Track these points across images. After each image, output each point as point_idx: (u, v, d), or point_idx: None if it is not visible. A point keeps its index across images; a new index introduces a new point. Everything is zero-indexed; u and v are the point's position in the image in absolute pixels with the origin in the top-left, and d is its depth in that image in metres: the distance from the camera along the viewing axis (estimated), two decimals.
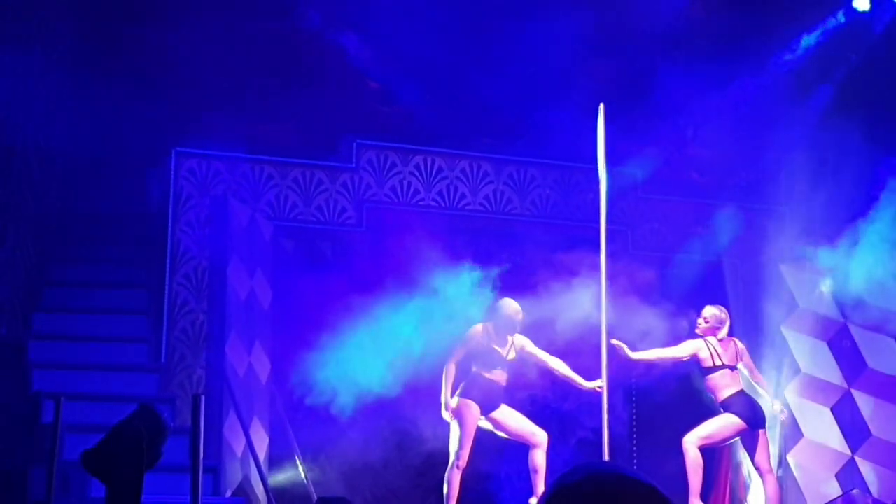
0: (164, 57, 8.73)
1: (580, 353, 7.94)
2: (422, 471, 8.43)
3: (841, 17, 9.41)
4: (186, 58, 8.60)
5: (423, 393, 8.02)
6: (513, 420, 7.75)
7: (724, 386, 8.04)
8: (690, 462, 7.93)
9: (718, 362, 8.04)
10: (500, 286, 8.31)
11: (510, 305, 7.83)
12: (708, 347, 8.07)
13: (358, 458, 8.47)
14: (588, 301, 7.85)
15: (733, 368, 8.08)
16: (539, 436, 7.69)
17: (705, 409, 8.62)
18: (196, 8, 8.92)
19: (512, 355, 7.75)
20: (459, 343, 7.72)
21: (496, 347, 7.72)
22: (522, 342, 7.81)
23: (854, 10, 9.62)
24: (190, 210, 8.69)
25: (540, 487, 7.61)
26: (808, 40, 9.58)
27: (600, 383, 7.35)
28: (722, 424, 7.99)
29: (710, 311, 8.21)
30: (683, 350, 8.11)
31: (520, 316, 7.80)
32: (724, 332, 8.15)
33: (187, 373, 8.34)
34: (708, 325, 8.14)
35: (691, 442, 7.97)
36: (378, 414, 8.34)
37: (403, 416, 8.29)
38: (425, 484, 8.36)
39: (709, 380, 8.09)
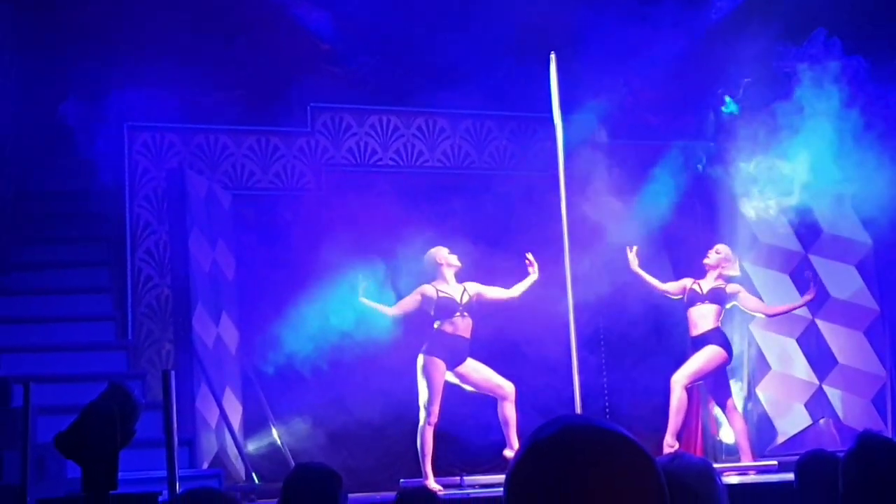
0: (111, 29, 8.60)
1: (548, 300, 7.98)
2: (397, 428, 8.47)
3: None
4: (134, 29, 8.49)
5: (394, 352, 8.04)
6: (478, 373, 7.78)
7: (698, 321, 8.12)
8: (675, 402, 8.00)
9: (699, 298, 8.13)
10: (462, 241, 8.33)
11: (435, 250, 7.84)
12: (693, 285, 8.16)
13: (334, 420, 8.50)
14: (552, 249, 7.90)
15: (719, 304, 8.15)
16: (506, 388, 7.73)
17: (675, 347, 8.73)
18: None
19: (465, 299, 7.77)
20: (408, 296, 7.75)
21: (447, 294, 7.73)
22: (476, 289, 7.83)
23: None
24: (147, 184, 8.62)
25: (513, 439, 7.66)
26: None
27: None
28: (708, 357, 8.06)
29: (723, 247, 8.32)
30: (675, 286, 8.24)
31: (446, 259, 7.79)
32: (732, 269, 8.23)
33: (156, 348, 8.31)
34: (719, 255, 8.22)
35: (679, 382, 8.04)
36: (350, 375, 8.36)
37: (376, 376, 8.32)
38: (402, 441, 8.41)
39: (688, 313, 8.19)
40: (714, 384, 8.24)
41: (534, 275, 7.89)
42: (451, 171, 9.51)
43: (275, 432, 8.24)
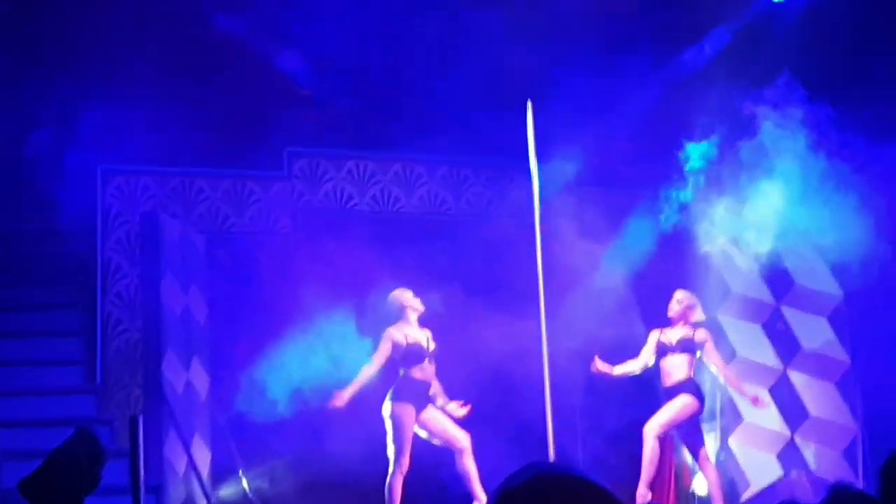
0: (86, 69, 8.59)
1: (525, 355, 7.97)
2: (369, 477, 8.39)
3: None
4: (109, 70, 8.48)
5: (366, 400, 7.98)
6: (437, 423, 7.69)
7: (671, 370, 8.11)
8: (648, 451, 7.98)
9: (669, 349, 8.12)
10: (439, 286, 8.32)
11: (399, 292, 7.79)
12: (662, 335, 8.15)
13: (304, 468, 8.41)
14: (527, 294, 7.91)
15: (690, 353, 8.14)
16: (462, 440, 7.64)
17: (650, 396, 8.71)
18: (118, 18, 8.78)
19: (432, 346, 7.73)
20: (378, 348, 7.69)
21: (415, 340, 7.69)
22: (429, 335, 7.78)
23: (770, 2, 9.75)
24: (119, 227, 8.57)
25: (477, 491, 7.57)
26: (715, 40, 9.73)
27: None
28: (680, 407, 8.05)
29: (683, 293, 8.29)
30: (648, 350, 8.23)
31: (410, 302, 7.74)
32: (697, 315, 8.22)
33: (125, 393, 8.22)
34: (682, 304, 8.21)
35: (651, 431, 8.02)
36: (322, 422, 8.29)
37: (348, 424, 8.25)
38: (374, 490, 8.33)
39: (660, 363, 8.18)
40: (687, 434, 8.23)
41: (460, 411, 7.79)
42: (428, 217, 9.52)
43: (244, 480, 8.15)
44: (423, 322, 7.92)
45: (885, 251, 8.46)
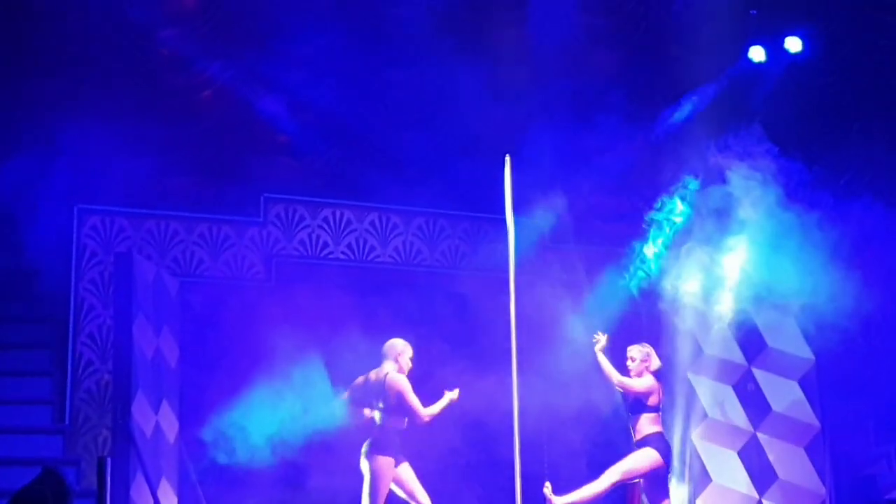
0: (64, 109, 8.59)
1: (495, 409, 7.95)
2: None
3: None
4: (87, 110, 8.48)
5: (335, 450, 7.94)
6: (410, 482, 7.64)
7: (640, 426, 8.10)
8: (595, 486, 7.92)
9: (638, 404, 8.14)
10: (409, 338, 8.31)
11: (402, 342, 7.80)
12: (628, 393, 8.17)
13: None
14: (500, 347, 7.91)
15: (656, 410, 8.14)
16: None
17: (618, 454, 8.70)
18: (97, 62, 8.81)
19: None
20: (410, 394, 7.64)
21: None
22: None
23: (749, 61, 9.91)
24: (93, 267, 8.53)
25: None
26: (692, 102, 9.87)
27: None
28: (642, 459, 8.03)
29: (634, 348, 8.28)
30: (638, 382, 8.14)
31: (408, 355, 7.74)
32: (654, 364, 8.21)
33: (92, 434, 8.15)
34: (635, 361, 8.21)
35: (610, 474, 7.98)
36: (291, 471, 8.24)
37: (316, 474, 8.20)
38: None
39: (630, 421, 8.15)
40: (650, 488, 8.20)
41: (451, 395, 7.78)
42: (403, 267, 9.53)
43: None
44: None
45: (856, 314, 8.54)
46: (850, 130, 9.66)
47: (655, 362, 8.24)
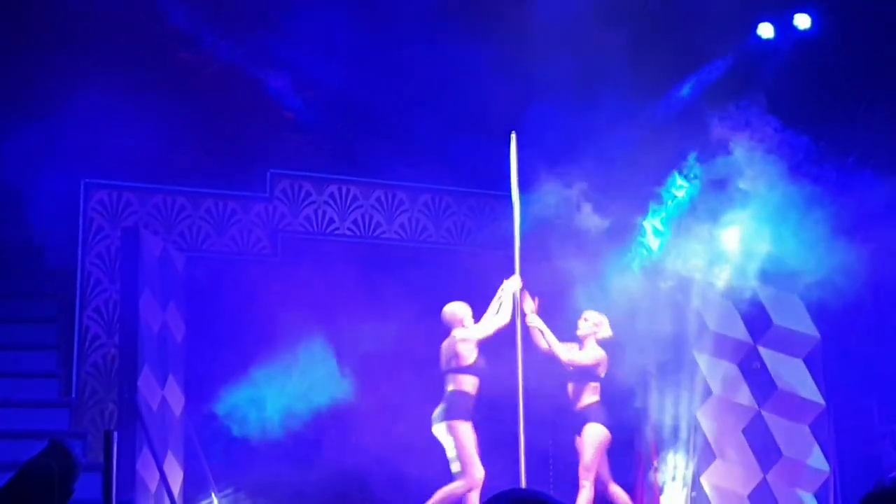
0: (72, 84, 8.59)
1: (499, 378, 7.97)
2: (346, 498, 8.37)
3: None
4: (96, 86, 8.48)
5: (342, 425, 7.97)
6: (471, 443, 7.74)
7: (581, 395, 8.13)
8: (587, 494, 8.01)
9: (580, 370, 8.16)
10: (415, 314, 8.33)
11: (454, 306, 8.01)
12: (572, 356, 8.19)
13: (277, 491, 8.38)
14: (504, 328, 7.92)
15: (598, 380, 8.19)
16: (481, 472, 7.68)
17: (618, 432, 8.72)
18: (105, 38, 8.80)
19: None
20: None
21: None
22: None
23: (758, 38, 9.88)
24: (100, 242, 8.55)
25: None
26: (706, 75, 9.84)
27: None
28: (594, 443, 8.07)
29: (590, 312, 8.31)
30: (588, 356, 8.18)
31: (466, 314, 7.94)
32: (604, 331, 8.23)
33: (99, 408, 8.19)
34: (588, 322, 8.23)
35: (586, 480, 8.06)
36: (297, 445, 8.27)
37: (322, 447, 8.23)
38: None
39: (569, 385, 8.18)
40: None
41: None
42: (408, 244, 9.53)
43: (215, 500, 8.11)
44: (400, 348, 7.94)
45: (862, 292, 8.53)
46: (857, 108, 9.63)
47: (606, 331, 8.26)
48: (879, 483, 2.36)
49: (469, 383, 7.80)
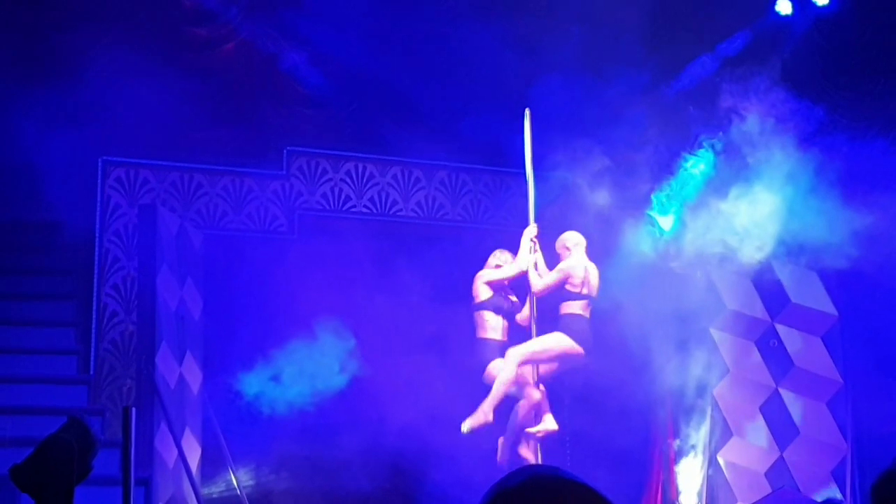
0: (88, 63, 8.59)
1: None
2: (358, 480, 8.41)
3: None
4: (113, 63, 8.49)
5: (354, 400, 8.00)
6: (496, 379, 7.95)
7: (565, 307, 8.06)
8: (504, 375, 7.78)
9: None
10: (431, 291, 8.34)
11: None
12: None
13: (294, 467, 8.42)
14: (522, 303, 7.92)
15: (579, 297, 8.09)
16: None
17: (640, 402, 8.73)
18: (122, 14, 8.80)
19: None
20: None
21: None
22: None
23: (776, 14, 9.81)
24: (118, 220, 8.58)
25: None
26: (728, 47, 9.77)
27: None
28: (553, 342, 7.91)
29: (568, 234, 8.24)
30: (551, 276, 8.11)
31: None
32: (578, 251, 8.19)
33: (117, 385, 8.23)
34: (559, 243, 8.21)
35: (513, 357, 7.85)
36: (313, 422, 8.30)
37: (339, 423, 8.26)
38: (362, 488, 8.34)
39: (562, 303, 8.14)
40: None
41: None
42: (424, 221, 9.53)
43: (232, 476, 8.15)
44: (417, 324, 7.94)
45: (880, 269, 8.48)
46: (875, 84, 9.55)
47: (579, 254, 8.15)
48: None
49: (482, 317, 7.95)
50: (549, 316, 8.02)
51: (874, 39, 9.64)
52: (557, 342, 7.89)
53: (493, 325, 8.00)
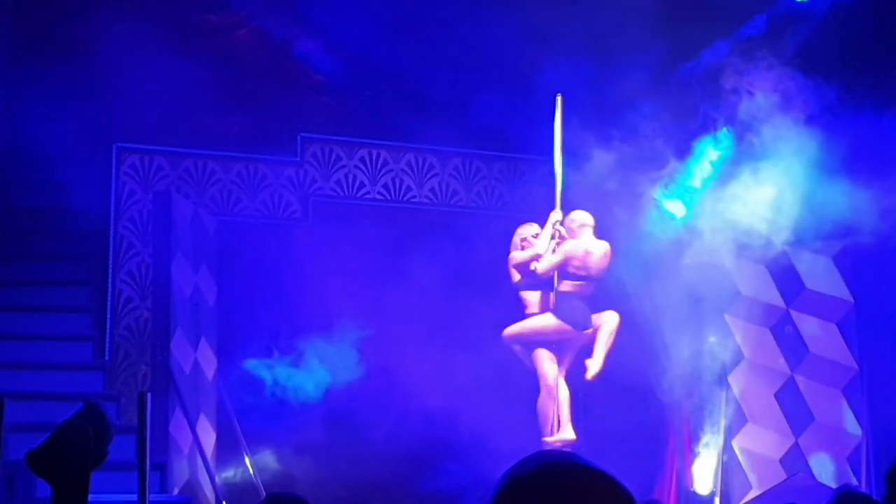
0: (103, 50, 8.60)
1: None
2: (369, 466, 8.42)
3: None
4: (126, 51, 8.50)
5: (367, 386, 8.01)
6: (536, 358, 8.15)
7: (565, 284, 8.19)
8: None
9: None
10: (445, 278, 8.34)
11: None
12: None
13: (308, 452, 8.44)
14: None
15: (576, 278, 8.15)
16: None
17: (649, 397, 8.72)
18: (137, 2, 8.80)
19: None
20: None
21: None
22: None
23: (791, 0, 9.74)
24: (132, 206, 8.60)
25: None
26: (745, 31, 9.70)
27: None
28: (541, 323, 8.11)
29: (575, 213, 8.32)
30: (554, 258, 8.20)
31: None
32: (584, 235, 8.30)
33: (132, 370, 8.26)
34: (574, 224, 8.28)
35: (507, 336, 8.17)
36: (328, 406, 8.32)
37: (353, 410, 8.28)
38: (375, 477, 8.35)
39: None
40: (561, 353, 8.26)
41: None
42: (438, 208, 9.52)
43: (247, 461, 8.18)
44: (431, 311, 7.94)
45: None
46: (892, 71, 9.48)
47: (584, 231, 8.24)
48: None
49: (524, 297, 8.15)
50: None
51: (890, 28, 9.57)
52: (543, 323, 8.10)
53: (533, 301, 8.16)
